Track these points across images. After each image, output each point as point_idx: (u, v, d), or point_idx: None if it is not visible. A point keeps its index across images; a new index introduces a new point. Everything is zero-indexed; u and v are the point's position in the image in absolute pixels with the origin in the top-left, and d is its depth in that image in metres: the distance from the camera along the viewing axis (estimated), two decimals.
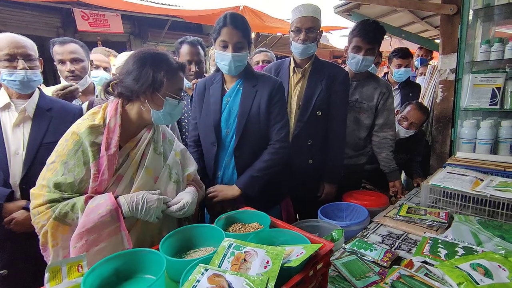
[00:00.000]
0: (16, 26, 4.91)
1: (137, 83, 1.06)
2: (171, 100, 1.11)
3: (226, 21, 1.37)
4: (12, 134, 1.36)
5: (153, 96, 1.09)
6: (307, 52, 1.68)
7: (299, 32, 1.65)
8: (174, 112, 1.16)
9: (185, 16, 4.99)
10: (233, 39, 1.38)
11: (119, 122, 1.08)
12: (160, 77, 1.07)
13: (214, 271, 0.79)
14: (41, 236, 1.01)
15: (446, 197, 1.54)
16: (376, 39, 1.82)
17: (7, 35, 1.34)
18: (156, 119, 1.13)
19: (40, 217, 0.99)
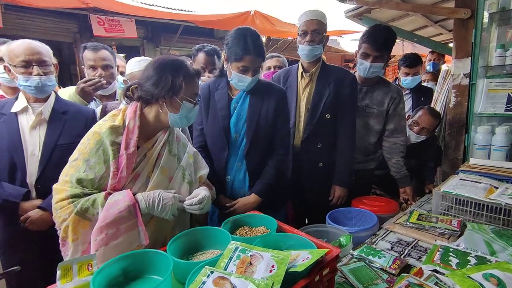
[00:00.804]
0: (37, 32, 5.10)
1: (157, 88, 1.13)
2: (187, 104, 1.17)
3: (249, 49, 1.37)
4: (29, 136, 1.41)
5: (171, 100, 1.15)
6: (313, 53, 1.70)
7: (305, 35, 1.68)
8: (190, 115, 1.22)
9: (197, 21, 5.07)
10: (254, 65, 1.41)
11: (138, 124, 1.14)
12: (178, 82, 1.13)
13: (219, 273, 0.79)
14: (62, 230, 1.05)
15: (459, 205, 1.50)
16: (386, 46, 1.80)
17: (23, 42, 1.40)
18: (173, 121, 1.18)
19: (62, 212, 1.04)
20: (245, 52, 1.37)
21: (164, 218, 1.12)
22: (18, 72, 1.37)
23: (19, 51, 1.37)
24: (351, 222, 1.66)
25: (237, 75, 1.42)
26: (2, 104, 1.47)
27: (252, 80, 1.42)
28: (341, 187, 1.80)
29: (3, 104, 1.46)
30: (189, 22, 5.35)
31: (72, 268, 0.83)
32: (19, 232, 1.37)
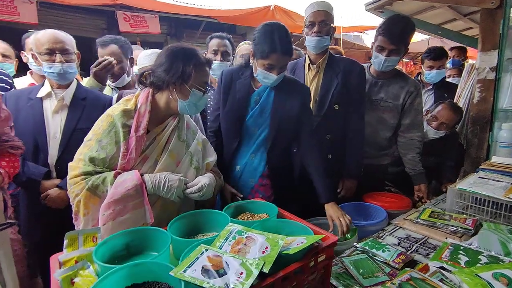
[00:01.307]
0: (70, 28, 5.39)
1: (168, 74, 1.16)
2: (196, 92, 1.19)
3: (275, 47, 1.33)
4: (52, 120, 1.51)
5: (181, 87, 1.18)
6: (321, 44, 1.67)
7: (312, 26, 1.66)
8: (199, 103, 1.24)
9: (219, 17, 5.14)
10: (280, 63, 1.38)
11: (149, 109, 1.19)
12: (188, 70, 1.16)
13: (213, 252, 0.82)
14: (75, 205, 1.13)
15: (477, 204, 1.42)
16: (402, 39, 1.73)
17: (49, 31, 1.49)
18: (182, 108, 1.21)
19: (75, 187, 1.11)
20: (272, 50, 1.34)
21: (169, 199, 1.16)
22: (43, 59, 1.47)
23: (44, 40, 1.47)
24: (360, 217, 1.63)
25: (263, 72, 1.40)
26: (30, 89, 1.58)
27: (277, 78, 1.40)
28: (350, 179, 1.77)
29: (31, 90, 1.57)
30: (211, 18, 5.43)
31: (78, 239, 0.88)
32: (40, 209, 1.47)
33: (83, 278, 0.75)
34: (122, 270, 0.76)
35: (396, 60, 1.77)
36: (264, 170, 1.51)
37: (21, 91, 1.60)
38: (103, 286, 0.71)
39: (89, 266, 0.80)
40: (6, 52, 2.08)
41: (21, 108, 1.49)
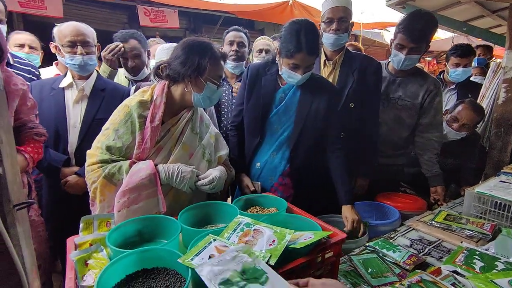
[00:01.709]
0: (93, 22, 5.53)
1: (184, 67, 1.18)
2: (211, 85, 1.20)
3: (300, 46, 1.29)
4: (72, 109, 1.57)
5: (196, 80, 1.19)
6: (338, 42, 1.63)
7: (331, 23, 1.60)
8: (213, 97, 1.25)
9: (237, 12, 5.13)
10: (305, 63, 1.34)
11: (164, 100, 1.22)
12: (204, 63, 1.17)
13: (221, 242, 0.83)
14: (92, 191, 1.17)
15: (496, 209, 1.37)
16: (423, 37, 1.65)
17: (71, 24, 1.55)
18: (196, 101, 1.23)
19: (92, 174, 1.15)
20: (297, 49, 1.30)
21: (182, 190, 1.19)
22: (65, 51, 1.53)
23: (67, 32, 1.52)
24: (372, 216, 1.61)
25: (288, 71, 1.37)
26: (54, 79, 1.65)
27: (302, 78, 1.36)
28: (362, 178, 1.74)
29: (55, 80, 1.63)
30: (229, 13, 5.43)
31: (93, 223, 0.92)
32: (60, 194, 1.54)
33: (96, 261, 0.79)
34: (133, 255, 0.79)
35: (416, 58, 1.70)
36: (284, 169, 1.49)
37: (45, 81, 1.67)
38: (114, 269, 0.74)
39: (102, 250, 0.84)
40: (33, 43, 2.17)
41: (44, 97, 1.55)
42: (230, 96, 2.08)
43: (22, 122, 1.35)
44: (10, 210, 0.51)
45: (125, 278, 0.75)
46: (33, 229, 1.42)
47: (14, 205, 0.53)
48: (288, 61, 1.35)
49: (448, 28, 2.74)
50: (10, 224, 0.50)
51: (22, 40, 2.13)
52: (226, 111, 2.09)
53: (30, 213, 1.42)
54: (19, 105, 1.28)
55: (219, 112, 2.09)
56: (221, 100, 2.10)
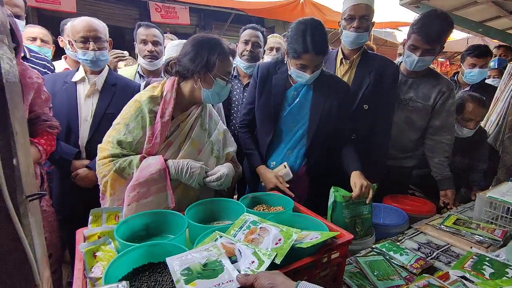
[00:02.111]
0: (105, 17, 5.61)
1: (193, 63, 1.19)
2: (220, 81, 1.21)
3: (307, 46, 1.29)
4: (84, 104, 1.60)
5: (205, 76, 1.20)
6: (358, 41, 1.60)
7: (352, 20, 1.57)
8: (222, 93, 1.26)
9: (247, 9, 5.13)
10: (313, 63, 1.33)
11: (174, 96, 1.23)
12: (213, 59, 1.18)
13: (227, 239, 0.83)
14: (102, 185, 1.19)
15: (508, 214, 1.34)
16: (439, 38, 1.61)
17: (83, 20, 1.57)
18: (205, 97, 1.24)
19: (103, 168, 1.17)
20: (304, 50, 1.29)
21: (190, 186, 1.20)
22: (78, 46, 1.55)
23: (80, 28, 1.55)
24: (379, 218, 1.59)
25: (296, 71, 1.37)
26: (66, 73, 1.68)
27: (311, 77, 1.36)
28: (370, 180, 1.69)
29: (67, 74, 1.67)
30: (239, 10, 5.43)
31: (102, 216, 0.94)
32: (70, 187, 1.57)
33: (104, 253, 0.80)
34: (140, 249, 0.79)
35: (430, 60, 1.67)
36: (300, 167, 1.48)
37: (58, 74, 1.71)
38: (122, 262, 0.75)
39: (110, 242, 0.85)
40: (45, 37, 2.22)
41: (57, 91, 1.58)
42: (241, 95, 2.08)
43: (36, 115, 1.38)
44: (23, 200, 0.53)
45: (132, 271, 0.76)
46: (45, 219, 1.46)
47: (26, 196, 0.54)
48: (296, 62, 1.35)
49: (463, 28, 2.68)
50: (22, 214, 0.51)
51: (34, 34, 2.17)
52: (236, 110, 2.09)
53: (41, 203, 1.45)
54: (34, 98, 1.31)
55: (229, 110, 2.09)
56: (232, 98, 2.10)
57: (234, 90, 2.12)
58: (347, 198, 1.29)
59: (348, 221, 1.28)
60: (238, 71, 2.13)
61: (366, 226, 1.33)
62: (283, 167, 1.45)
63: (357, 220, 1.32)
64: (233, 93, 2.11)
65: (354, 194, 1.30)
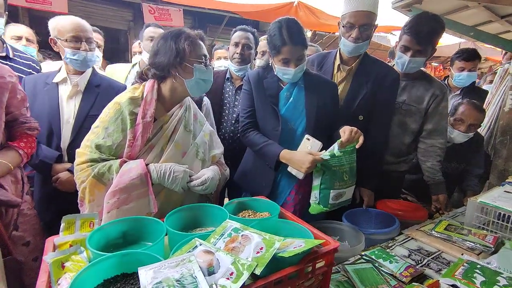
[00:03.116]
0: (97, 18, 5.56)
1: (165, 58, 1.15)
2: (198, 66, 1.17)
3: (284, 39, 1.31)
4: (66, 105, 1.54)
5: (182, 66, 1.17)
6: (357, 51, 1.54)
7: (351, 29, 1.49)
8: (205, 77, 1.21)
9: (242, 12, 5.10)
10: (294, 55, 1.34)
11: (155, 97, 1.19)
12: (182, 46, 1.14)
13: (206, 247, 0.79)
14: (80, 191, 1.14)
15: (500, 220, 1.31)
16: (430, 39, 1.60)
17: (71, 18, 1.52)
18: (191, 88, 1.20)
19: (81, 174, 1.12)
20: (282, 43, 1.31)
21: (173, 190, 1.15)
22: (67, 46, 1.49)
23: (70, 27, 1.49)
24: (369, 224, 1.55)
25: (281, 68, 1.38)
26: (47, 74, 1.62)
27: (296, 71, 1.36)
28: (369, 190, 1.64)
29: (48, 75, 1.61)
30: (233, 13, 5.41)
31: (76, 223, 0.89)
32: (51, 191, 1.51)
33: (74, 263, 0.75)
34: (113, 258, 0.75)
35: (421, 61, 1.64)
36: None
37: (39, 75, 1.65)
38: (91, 273, 0.71)
39: (83, 251, 0.80)
40: (30, 36, 2.17)
41: (38, 92, 1.53)
42: (233, 97, 2.05)
43: (13, 117, 1.33)
44: None
45: (102, 282, 0.71)
46: (27, 222, 1.40)
47: None
48: (278, 58, 1.36)
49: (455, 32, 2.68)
50: None
51: (19, 33, 2.12)
52: (227, 112, 2.06)
53: (22, 206, 1.39)
54: (9, 98, 1.26)
55: (220, 112, 2.05)
56: (224, 100, 2.06)
57: (226, 92, 2.08)
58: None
59: (336, 169, 1.30)
60: (230, 73, 2.10)
61: (352, 174, 1.36)
62: (307, 140, 1.36)
63: (345, 169, 1.32)
64: (224, 95, 2.08)
65: (344, 139, 1.26)
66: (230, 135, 2.04)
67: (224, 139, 2.04)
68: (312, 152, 1.32)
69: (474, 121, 1.84)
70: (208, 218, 1.07)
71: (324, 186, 1.33)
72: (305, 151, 1.34)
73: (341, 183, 1.33)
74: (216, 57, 2.83)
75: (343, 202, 1.39)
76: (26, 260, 1.33)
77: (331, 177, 1.32)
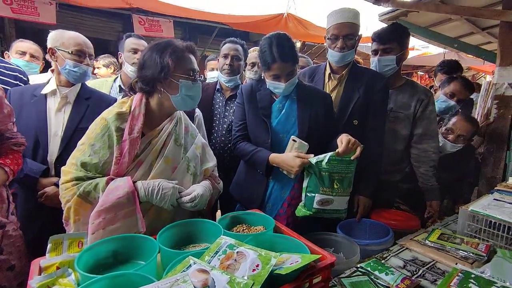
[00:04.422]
0: (87, 30, 5.51)
1: (149, 73, 1.13)
2: (185, 82, 1.14)
3: (274, 56, 1.33)
4: (54, 117, 1.51)
5: (167, 81, 1.13)
6: (344, 60, 1.59)
7: (336, 40, 1.55)
8: (192, 94, 1.17)
9: (232, 23, 5.17)
10: (284, 71, 1.36)
11: (143, 112, 1.15)
12: (166, 61, 1.10)
13: (201, 266, 0.76)
14: (65, 211, 1.09)
15: (491, 228, 1.33)
16: (391, 38, 1.70)
17: (77, 35, 1.56)
18: (177, 103, 1.17)
19: (66, 193, 1.07)
20: (272, 60, 1.34)
21: (163, 207, 1.11)
22: (70, 58, 1.50)
23: (77, 41, 1.53)
24: (364, 234, 1.55)
25: (271, 83, 1.40)
26: (35, 86, 1.59)
27: (287, 85, 1.37)
28: (366, 198, 1.65)
29: (36, 87, 1.57)
30: (224, 24, 5.46)
31: (63, 243, 0.85)
32: (35, 208, 1.45)
33: (61, 287, 0.71)
34: (103, 281, 0.72)
35: (391, 59, 1.71)
36: (296, 180, 1.45)
37: (26, 87, 1.62)
38: None
39: (71, 274, 0.76)
40: (35, 53, 2.21)
41: (24, 104, 1.49)
42: (223, 108, 2.05)
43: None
44: None
45: None
46: (12, 244, 1.34)
47: None
48: (269, 73, 1.38)
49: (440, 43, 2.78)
50: None
51: (24, 48, 2.15)
52: (218, 123, 2.05)
53: (7, 227, 1.33)
54: None
55: (211, 123, 2.04)
56: (214, 111, 2.06)
57: (216, 103, 2.09)
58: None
59: (325, 175, 1.29)
60: (220, 84, 2.11)
61: (345, 184, 1.33)
62: (293, 141, 1.37)
63: (337, 177, 1.30)
64: (215, 105, 2.08)
65: (340, 149, 1.26)
66: (220, 145, 2.03)
67: (215, 150, 2.03)
68: (300, 155, 1.32)
69: (463, 132, 1.87)
70: (201, 233, 1.04)
71: (309, 189, 1.34)
72: (294, 154, 1.34)
73: (328, 189, 1.32)
74: (209, 68, 2.84)
75: (333, 212, 1.37)
76: (11, 286, 1.26)
77: (317, 181, 1.31)
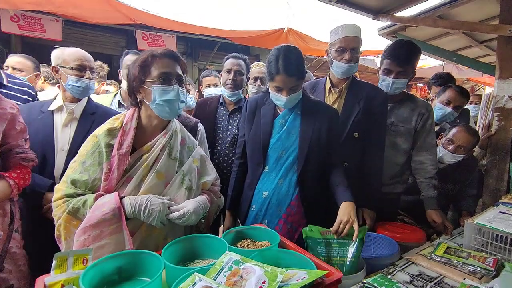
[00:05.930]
0: (91, 45, 5.64)
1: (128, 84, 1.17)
2: (156, 86, 1.10)
3: (278, 68, 1.33)
4: (61, 133, 1.53)
5: (142, 90, 1.14)
6: (350, 72, 1.63)
7: (343, 52, 1.59)
8: (169, 98, 1.11)
9: (233, 38, 5.27)
10: (287, 85, 1.35)
11: (134, 126, 1.15)
12: (134, 70, 1.13)
13: (207, 283, 0.76)
14: (56, 228, 1.08)
15: (497, 241, 1.32)
16: (409, 61, 1.71)
17: (77, 50, 1.60)
18: (157, 111, 1.14)
19: (57, 210, 1.07)
20: (276, 71, 1.34)
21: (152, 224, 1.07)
22: (72, 73, 1.54)
23: (77, 56, 1.56)
24: (369, 248, 1.53)
25: (273, 94, 1.41)
26: (43, 103, 1.62)
27: (288, 99, 1.37)
28: (370, 210, 1.65)
29: (43, 103, 1.61)
30: (225, 39, 5.57)
31: (68, 260, 0.84)
32: (42, 221, 1.45)
33: None
34: None
35: (403, 82, 1.73)
36: (293, 196, 1.44)
37: (34, 104, 1.65)
38: None
39: None
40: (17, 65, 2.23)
41: (32, 121, 1.51)
42: (227, 122, 2.07)
43: (9, 147, 1.30)
44: None
45: None
46: (14, 262, 1.33)
47: None
48: (272, 84, 1.39)
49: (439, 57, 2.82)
50: None
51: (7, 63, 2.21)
52: (221, 137, 2.07)
53: (11, 244, 1.32)
54: (7, 129, 1.24)
55: (214, 136, 2.06)
56: (218, 124, 2.08)
57: (219, 117, 2.11)
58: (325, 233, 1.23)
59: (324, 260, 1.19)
60: (223, 99, 2.14)
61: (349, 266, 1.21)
62: None
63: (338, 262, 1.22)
64: (218, 119, 2.10)
65: (332, 229, 1.24)
66: (224, 159, 2.04)
67: (219, 163, 2.04)
68: None
69: (463, 143, 1.87)
70: (206, 249, 1.04)
71: None
72: None
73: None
74: (205, 85, 2.86)
75: None
76: None
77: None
